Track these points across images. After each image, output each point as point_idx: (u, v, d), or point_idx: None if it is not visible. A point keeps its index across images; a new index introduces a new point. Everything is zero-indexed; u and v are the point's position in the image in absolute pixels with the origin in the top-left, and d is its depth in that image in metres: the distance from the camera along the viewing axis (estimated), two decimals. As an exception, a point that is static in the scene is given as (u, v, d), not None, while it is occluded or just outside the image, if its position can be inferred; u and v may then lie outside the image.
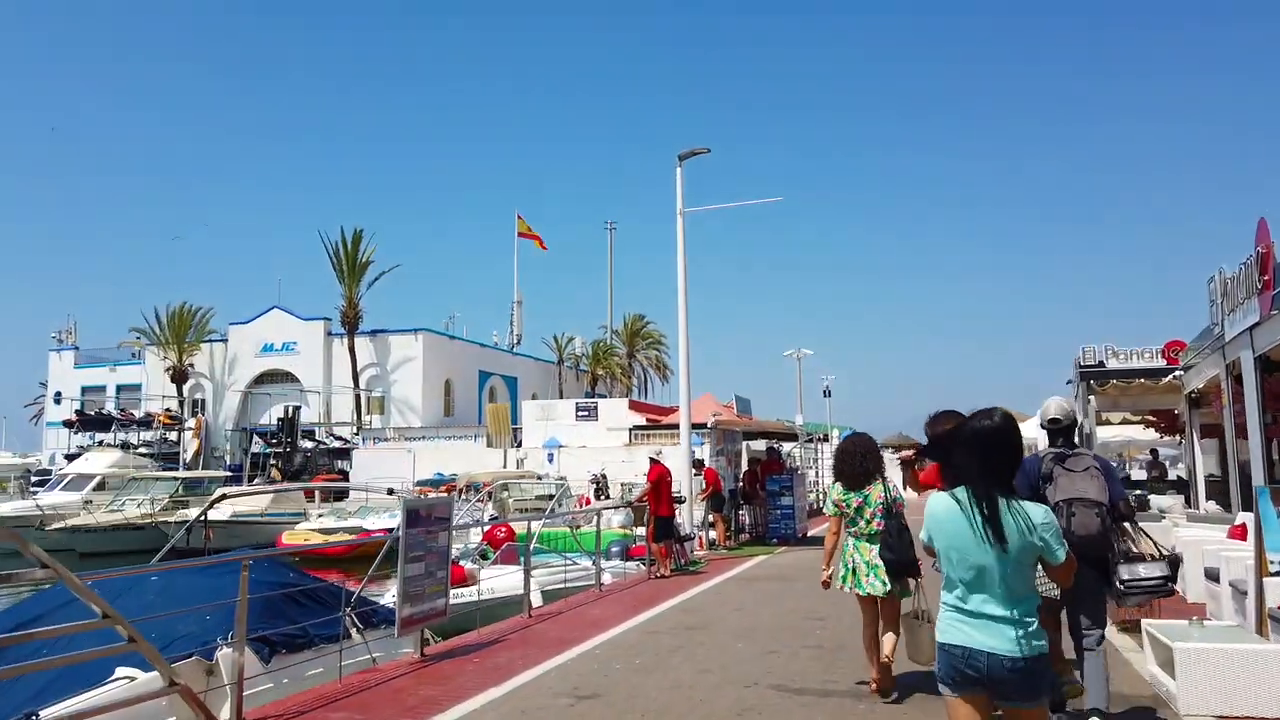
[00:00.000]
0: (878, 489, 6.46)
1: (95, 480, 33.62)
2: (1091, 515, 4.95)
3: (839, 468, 6.68)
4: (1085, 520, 4.93)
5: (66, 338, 62.84)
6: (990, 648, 3.11)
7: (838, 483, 6.67)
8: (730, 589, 12.21)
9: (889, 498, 6.47)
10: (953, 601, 3.26)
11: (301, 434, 50.91)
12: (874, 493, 6.44)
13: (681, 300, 16.03)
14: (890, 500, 6.47)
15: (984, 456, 3.27)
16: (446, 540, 8.56)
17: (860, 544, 6.46)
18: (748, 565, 15.01)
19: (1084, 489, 5.02)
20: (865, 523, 6.44)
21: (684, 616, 10.01)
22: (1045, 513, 3.28)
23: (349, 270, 54.42)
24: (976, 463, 3.28)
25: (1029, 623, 3.15)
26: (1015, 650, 3.09)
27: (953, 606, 3.26)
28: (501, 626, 9.69)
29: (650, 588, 12.51)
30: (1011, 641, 3.10)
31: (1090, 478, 5.07)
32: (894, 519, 6.39)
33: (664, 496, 13.70)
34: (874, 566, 6.33)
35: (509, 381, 64.23)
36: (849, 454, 6.64)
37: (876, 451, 6.83)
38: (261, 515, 30.46)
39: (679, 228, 16.16)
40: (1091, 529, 4.92)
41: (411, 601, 7.97)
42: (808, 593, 11.64)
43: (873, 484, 6.48)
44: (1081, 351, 21.45)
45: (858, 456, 6.58)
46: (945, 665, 3.25)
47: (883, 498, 6.44)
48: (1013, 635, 3.11)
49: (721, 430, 19.18)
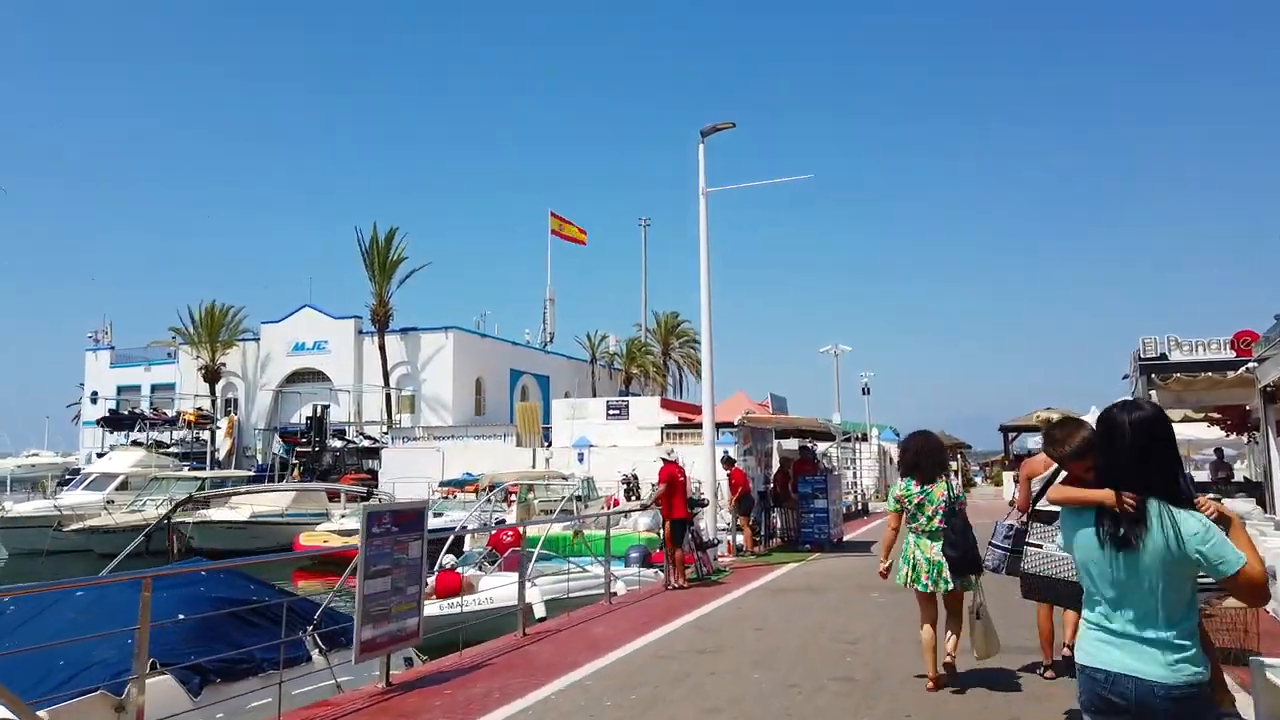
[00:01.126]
0: (941, 486, 6.50)
1: (118, 480, 33.21)
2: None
3: (905, 462, 6.73)
4: None
5: (102, 337, 63.20)
6: (1138, 672, 2.82)
7: (902, 479, 6.71)
8: (753, 602, 11.00)
9: (951, 495, 6.48)
10: (1095, 620, 2.98)
11: (332, 433, 50.51)
12: (937, 490, 6.48)
13: (704, 285, 14.86)
14: (953, 498, 6.49)
15: (1143, 453, 2.89)
16: (420, 551, 7.46)
17: (921, 540, 6.52)
18: (776, 574, 13.78)
19: None
20: (927, 519, 6.48)
21: (697, 636, 8.83)
22: (1199, 522, 2.80)
23: (380, 268, 53.90)
24: (1135, 462, 2.89)
25: (1185, 646, 2.81)
26: (1168, 676, 2.78)
27: (1095, 625, 2.98)
28: (490, 647, 8.60)
29: (665, 600, 11.35)
30: (1163, 666, 2.79)
31: None
32: (956, 516, 6.43)
33: (677, 499, 12.53)
34: (935, 563, 6.41)
35: (541, 380, 63.37)
36: (915, 449, 6.71)
37: (941, 449, 6.87)
38: (282, 515, 29.81)
39: (701, 208, 14.99)
40: None
41: (373, 623, 6.89)
42: (840, 606, 10.40)
43: (936, 481, 6.52)
44: (1141, 343, 19.90)
45: (923, 453, 6.65)
46: (1088, 691, 2.97)
47: (945, 495, 6.46)
48: (1165, 659, 2.80)
49: (750, 428, 17.96)
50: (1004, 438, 46.61)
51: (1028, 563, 5.42)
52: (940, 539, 6.39)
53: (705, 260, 14.84)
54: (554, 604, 12.91)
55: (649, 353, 70.82)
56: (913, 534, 6.56)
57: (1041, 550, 5.38)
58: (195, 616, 6.72)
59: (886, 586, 12.53)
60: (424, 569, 7.56)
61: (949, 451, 42.03)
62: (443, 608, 11.91)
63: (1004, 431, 46.08)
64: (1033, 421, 43.83)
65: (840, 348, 41.68)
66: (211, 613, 6.92)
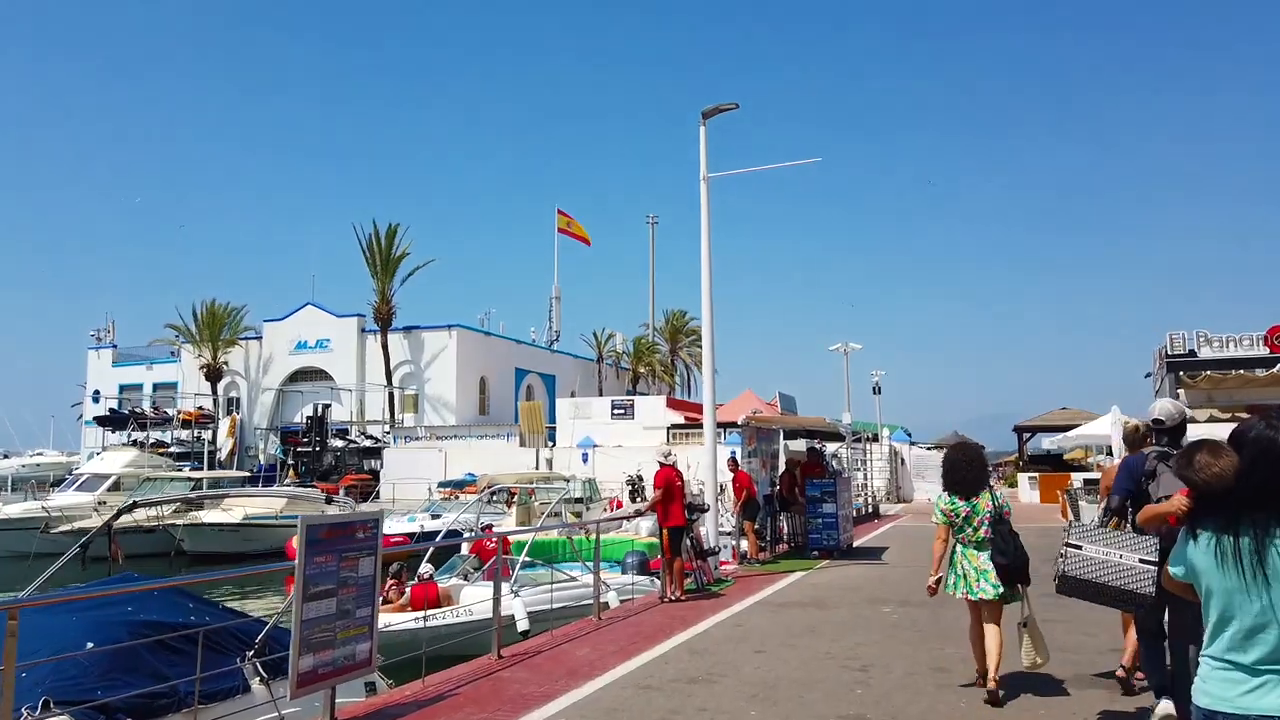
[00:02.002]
0: (985, 498, 6.59)
1: (110, 480, 32.48)
2: (1150, 505, 4.79)
3: (948, 478, 6.80)
4: None
5: (105, 336, 62.67)
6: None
7: (945, 493, 6.76)
8: (754, 619, 10.10)
9: (996, 505, 6.57)
10: (1223, 655, 2.69)
11: (334, 433, 49.80)
12: (982, 502, 6.56)
13: (705, 275, 13.98)
14: (998, 508, 6.57)
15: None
16: (373, 568, 6.59)
17: (968, 551, 6.61)
18: (780, 585, 12.88)
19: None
20: (973, 530, 6.58)
21: (689, 661, 7.94)
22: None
23: (382, 265, 53.18)
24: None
25: None
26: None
27: (1225, 662, 2.68)
28: (457, 673, 7.72)
29: (660, 616, 10.46)
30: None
31: None
32: (1003, 524, 6.50)
33: (675, 504, 11.64)
34: (983, 572, 6.50)
35: (547, 379, 62.57)
36: (957, 464, 6.78)
37: (983, 461, 6.93)
38: (277, 517, 29.02)
39: (703, 195, 14.09)
40: None
41: (314, 651, 6.03)
42: (849, 625, 9.49)
43: (980, 493, 6.61)
44: (1169, 339, 18.93)
45: (965, 465, 6.72)
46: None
47: (990, 506, 6.55)
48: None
49: (756, 428, 17.04)
50: (1018, 438, 45.56)
51: (1067, 564, 5.19)
52: (987, 548, 6.50)
53: (707, 249, 13.95)
54: (542, 616, 12.09)
55: (656, 351, 69.94)
56: (960, 545, 6.64)
57: (1082, 552, 5.18)
58: (108, 646, 5.85)
59: (899, 600, 11.67)
60: (378, 587, 6.69)
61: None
62: (418, 621, 11.07)
63: (1018, 432, 45.02)
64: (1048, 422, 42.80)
65: (851, 345, 40.65)
66: (130, 641, 6.05)
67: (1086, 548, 5.13)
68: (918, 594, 11.85)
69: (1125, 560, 4.97)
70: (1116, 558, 4.99)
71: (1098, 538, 5.14)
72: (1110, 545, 5.04)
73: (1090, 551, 5.10)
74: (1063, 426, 39.46)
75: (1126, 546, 5.01)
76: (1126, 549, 5.00)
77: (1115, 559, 4.99)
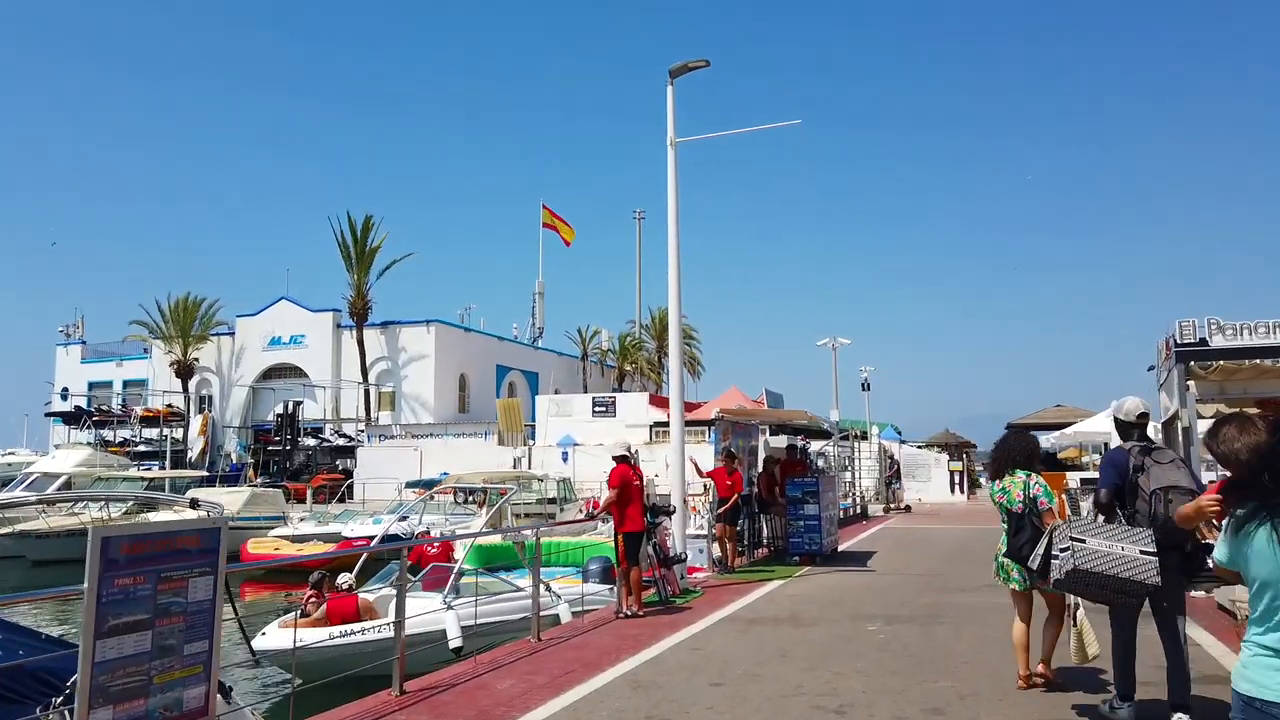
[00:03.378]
0: (1018, 486, 6.35)
1: (61, 480, 30.91)
2: (1187, 501, 4.57)
3: (991, 464, 6.89)
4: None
5: (74, 332, 60.88)
6: None
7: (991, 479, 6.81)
8: (718, 640, 8.68)
9: (1028, 495, 6.28)
10: (1266, 642, 2.65)
11: (309, 431, 48.27)
12: (1014, 490, 6.37)
13: (672, 249, 12.58)
14: (1030, 498, 6.27)
15: None
16: (211, 590, 5.14)
17: (1006, 539, 6.50)
18: (753, 596, 11.47)
19: (1177, 478, 5.19)
20: (1006, 517, 6.48)
21: (629, 699, 6.52)
22: None
23: (357, 258, 51.57)
24: None
25: None
26: None
27: (1268, 649, 2.63)
28: (349, 712, 6.28)
29: (609, 636, 9.04)
30: None
31: (1177, 468, 5.29)
32: (1034, 515, 6.20)
33: (632, 507, 10.23)
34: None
35: (529, 377, 61.03)
36: (995, 447, 6.86)
37: (1020, 447, 6.63)
38: (233, 519, 27.44)
39: (670, 161, 12.67)
40: None
41: (115, 701, 4.58)
42: (829, 648, 8.09)
43: (1006, 478, 6.44)
44: (1178, 327, 17.50)
45: (998, 450, 6.71)
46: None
47: (1021, 495, 6.31)
48: None
49: (731, 423, 15.66)
50: (1011, 437, 44.31)
51: (1077, 558, 5.15)
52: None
53: (674, 219, 12.54)
54: (488, 630, 10.67)
55: (643, 349, 68.50)
56: (1004, 533, 6.52)
57: (1086, 545, 5.15)
58: None
59: (886, 615, 10.24)
60: (218, 615, 5.24)
61: (958, 451, 39.24)
62: (329, 638, 9.69)
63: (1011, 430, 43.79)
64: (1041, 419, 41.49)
65: (839, 340, 39.24)
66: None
67: (1090, 541, 5.11)
68: (907, 607, 10.48)
69: (1128, 552, 5.03)
70: (1120, 550, 5.04)
71: (1099, 531, 5.17)
72: (1110, 539, 5.10)
73: (1093, 544, 5.10)
74: (1057, 424, 38.18)
75: (1125, 539, 5.08)
76: (1126, 541, 5.06)
77: (1119, 551, 5.04)
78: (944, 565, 14.83)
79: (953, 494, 37.90)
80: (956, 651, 7.96)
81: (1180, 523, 4.77)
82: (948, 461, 38.96)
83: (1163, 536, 5.11)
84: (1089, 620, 6.03)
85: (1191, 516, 4.50)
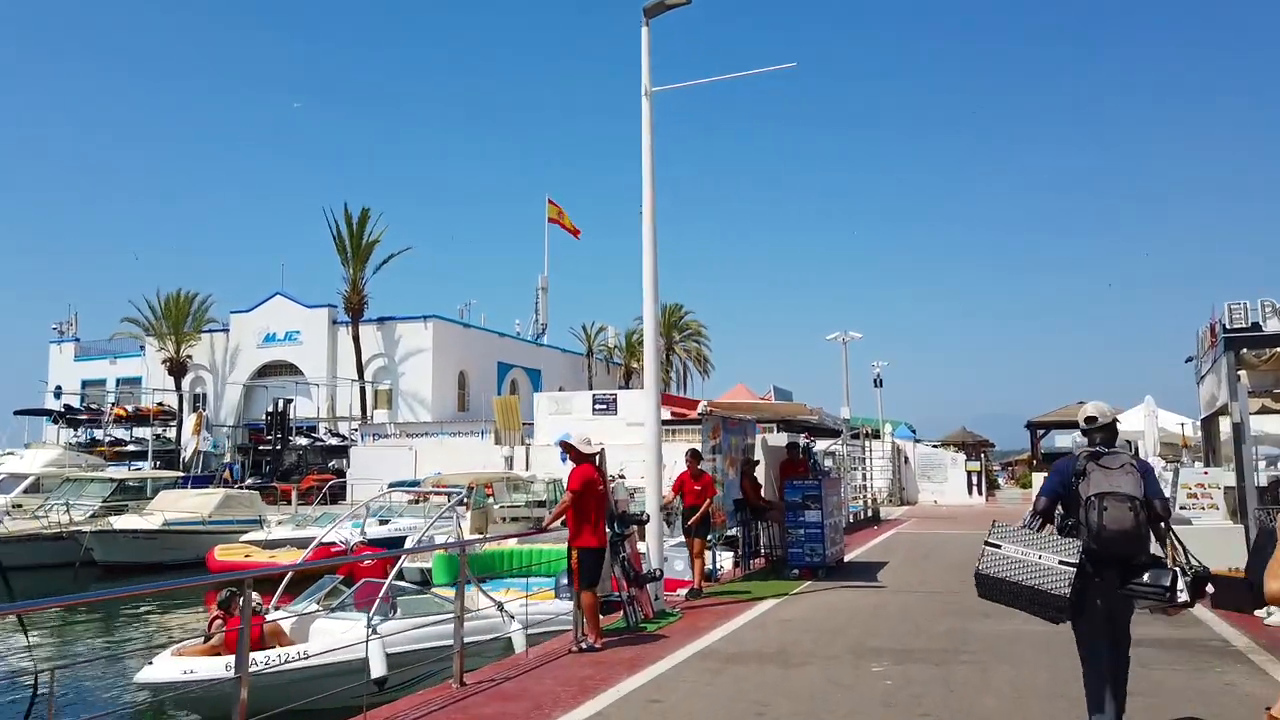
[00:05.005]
0: None
1: (28, 481, 29.43)
2: (1124, 509, 4.78)
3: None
4: (1118, 515, 4.77)
5: (67, 329, 59.64)
6: None
7: None
8: (683, 686, 6.94)
9: None
10: None
11: (301, 429, 46.79)
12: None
13: (647, 207, 10.88)
14: None
15: None
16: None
17: None
18: (739, 621, 9.72)
19: (1118, 484, 4.88)
20: None
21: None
22: None
23: (353, 251, 50.02)
24: None
25: None
26: None
27: None
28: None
29: (550, 679, 7.30)
30: None
31: (1125, 473, 4.94)
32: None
33: (590, 516, 8.51)
34: None
35: (532, 374, 59.38)
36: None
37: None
38: (204, 522, 25.88)
39: (645, 113, 10.94)
40: (1125, 524, 4.76)
41: None
42: (822, 699, 6.33)
43: None
44: (1227, 310, 15.63)
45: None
46: None
47: None
48: None
49: (722, 418, 13.92)
50: (1031, 435, 42.35)
51: (983, 563, 5.00)
52: None
53: (649, 180, 10.82)
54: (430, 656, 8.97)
55: (650, 346, 66.71)
56: None
57: (1000, 551, 4.96)
58: None
59: (896, 649, 8.32)
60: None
61: (975, 450, 37.24)
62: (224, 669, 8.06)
63: (1031, 428, 41.81)
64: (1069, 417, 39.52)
65: (850, 334, 37.41)
66: None
67: (1005, 546, 4.99)
68: (921, 637, 8.71)
69: (1044, 561, 4.82)
70: (1035, 558, 4.87)
71: (1020, 538, 4.99)
72: (1031, 546, 4.90)
73: (1008, 550, 4.98)
74: (1079, 423, 36.29)
75: (1047, 548, 4.87)
76: (1047, 550, 4.85)
77: (1033, 559, 4.85)
78: (964, 580, 13.04)
79: (970, 495, 36.00)
80: (985, 707, 6.20)
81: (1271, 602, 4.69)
82: (965, 461, 37.06)
83: (1098, 547, 4.83)
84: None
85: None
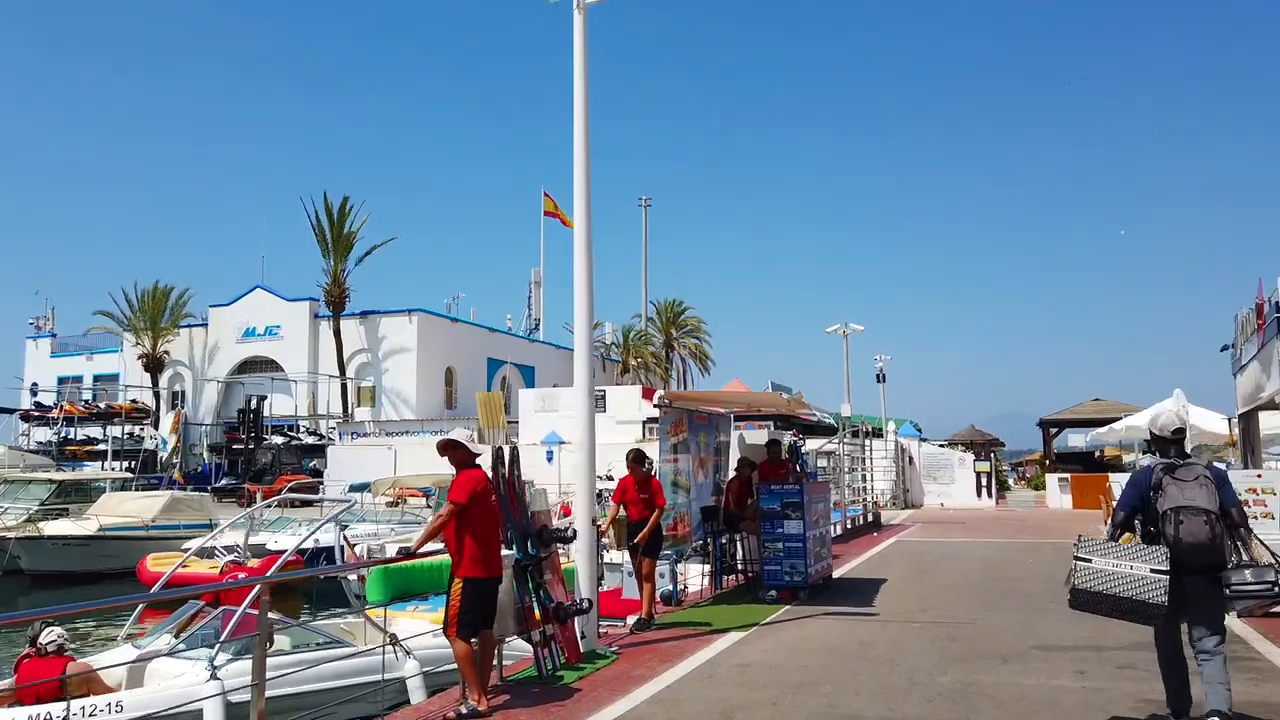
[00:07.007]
0: None
1: (-33, 483, 27.41)
2: (1199, 522, 4.88)
3: None
4: (1193, 528, 4.87)
5: (44, 324, 57.80)
6: None
7: None
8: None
9: None
10: None
11: (279, 428, 44.84)
12: None
13: (580, 141, 8.74)
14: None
15: None
16: None
17: None
18: (686, 668, 7.58)
19: (1192, 497, 4.97)
20: None
21: None
22: None
23: (334, 242, 47.99)
24: None
25: None
26: None
27: None
28: None
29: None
30: None
31: (1199, 486, 5.01)
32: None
33: (478, 535, 6.42)
34: None
35: (525, 371, 57.24)
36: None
37: None
38: (146, 528, 23.82)
39: (577, 27, 8.78)
40: (1200, 536, 4.86)
41: None
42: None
43: None
44: (1278, 289, 13.58)
45: None
46: None
47: None
48: None
49: (682, 410, 11.83)
50: (1043, 434, 40.10)
51: (1078, 578, 5.04)
52: None
53: (582, 105, 8.69)
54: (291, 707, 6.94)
55: (649, 343, 64.61)
56: None
57: (1091, 565, 4.96)
58: None
59: (884, 716, 6.21)
60: None
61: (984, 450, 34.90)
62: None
63: (1043, 427, 39.57)
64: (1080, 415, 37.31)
65: (851, 326, 35.23)
66: None
67: (1096, 560, 4.97)
68: (916, 694, 6.38)
69: (1136, 571, 4.86)
70: (1127, 569, 4.87)
71: (1107, 550, 5.00)
72: (1120, 557, 4.93)
73: (1100, 564, 4.96)
74: (1095, 421, 34.03)
75: (1137, 558, 4.88)
76: (1137, 560, 4.87)
77: (1126, 570, 4.85)
78: (973, 603, 10.91)
79: (979, 498, 33.76)
80: None
81: None
82: (973, 462, 34.81)
83: (1178, 557, 4.87)
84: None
85: None
